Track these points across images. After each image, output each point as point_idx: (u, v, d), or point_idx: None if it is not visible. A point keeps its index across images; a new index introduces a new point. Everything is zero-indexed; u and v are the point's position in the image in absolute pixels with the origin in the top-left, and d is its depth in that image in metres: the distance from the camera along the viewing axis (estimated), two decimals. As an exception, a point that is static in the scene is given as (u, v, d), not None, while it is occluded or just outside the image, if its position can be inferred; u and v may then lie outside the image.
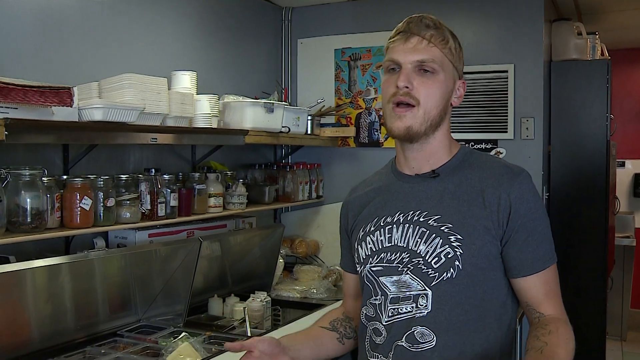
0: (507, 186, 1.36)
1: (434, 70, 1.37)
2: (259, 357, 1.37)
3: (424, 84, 1.37)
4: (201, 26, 3.14)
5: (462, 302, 1.34)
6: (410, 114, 1.37)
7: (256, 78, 3.59)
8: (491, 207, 1.35)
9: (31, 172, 1.99)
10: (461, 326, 1.34)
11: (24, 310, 2.02)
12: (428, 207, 1.39)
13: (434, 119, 1.39)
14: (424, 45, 1.37)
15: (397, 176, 1.49)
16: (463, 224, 1.34)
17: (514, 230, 1.34)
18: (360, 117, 3.69)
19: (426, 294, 1.34)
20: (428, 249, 1.35)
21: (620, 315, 5.20)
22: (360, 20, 3.67)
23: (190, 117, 2.58)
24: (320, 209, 3.74)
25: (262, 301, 2.79)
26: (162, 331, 2.44)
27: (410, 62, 1.37)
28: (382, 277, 1.41)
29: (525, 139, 3.31)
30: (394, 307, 1.38)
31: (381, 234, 1.43)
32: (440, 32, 1.40)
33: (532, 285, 1.36)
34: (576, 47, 3.69)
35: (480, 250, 1.33)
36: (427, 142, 1.42)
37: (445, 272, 1.33)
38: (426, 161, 1.44)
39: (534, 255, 1.35)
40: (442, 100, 1.40)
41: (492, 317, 1.36)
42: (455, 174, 1.42)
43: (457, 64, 1.43)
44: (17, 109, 1.82)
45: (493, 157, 1.50)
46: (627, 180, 5.79)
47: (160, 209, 2.44)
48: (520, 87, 3.32)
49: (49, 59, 2.31)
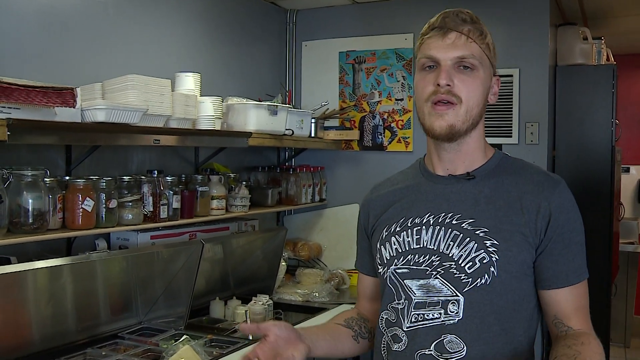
0: (547, 194, 1.31)
1: (473, 66, 1.31)
2: (275, 341, 1.27)
3: (464, 82, 1.31)
4: (206, 28, 3.13)
5: (494, 310, 1.28)
6: (452, 111, 1.31)
7: (260, 80, 3.58)
8: (530, 214, 1.30)
9: (33, 172, 1.99)
10: (493, 337, 1.28)
11: (25, 311, 2.02)
12: (462, 210, 1.33)
13: (475, 117, 1.34)
14: (462, 40, 1.31)
15: (427, 176, 1.43)
16: (499, 229, 1.29)
17: (552, 240, 1.30)
18: (364, 120, 3.68)
19: (457, 300, 1.28)
20: (461, 253, 1.29)
21: (624, 322, 5.17)
22: (365, 23, 3.66)
23: (193, 119, 2.57)
24: (324, 212, 3.73)
25: (264, 304, 2.78)
26: (163, 333, 2.43)
27: (450, 59, 1.30)
28: (407, 280, 1.34)
29: (530, 143, 3.30)
30: (418, 313, 1.32)
31: (408, 234, 1.37)
32: (477, 27, 1.34)
33: (564, 299, 1.32)
34: (582, 52, 3.67)
35: (516, 257, 1.28)
36: (464, 142, 1.36)
37: (480, 278, 1.27)
38: (462, 162, 1.38)
39: (569, 268, 1.31)
40: (483, 97, 1.35)
41: (521, 329, 1.31)
42: (491, 178, 1.37)
43: (493, 59, 1.38)
44: (20, 110, 1.82)
45: (530, 164, 1.44)
46: (632, 186, 5.76)
47: (162, 210, 2.43)
48: (525, 92, 3.30)
49: (53, 60, 2.31)
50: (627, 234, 5.34)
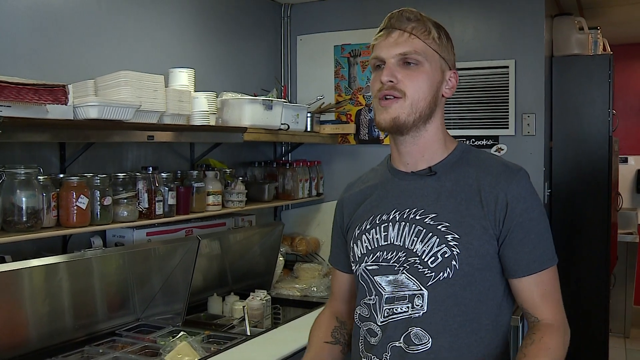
0: (504, 185, 1.33)
1: (417, 61, 1.35)
2: None
3: (408, 76, 1.35)
4: (199, 23, 3.12)
5: (458, 302, 1.31)
6: (396, 104, 1.35)
7: (255, 75, 3.56)
8: (488, 206, 1.32)
9: (27, 170, 1.97)
10: (457, 327, 1.31)
11: (21, 310, 2.01)
12: (424, 205, 1.37)
13: (423, 111, 1.37)
14: (405, 38, 1.36)
15: (392, 173, 1.46)
16: (460, 223, 1.32)
17: (510, 230, 1.32)
18: (360, 114, 3.67)
19: (422, 294, 1.32)
20: (424, 248, 1.33)
21: (623, 312, 5.18)
22: (360, 17, 3.65)
23: (187, 114, 2.56)
24: (321, 206, 3.72)
25: (261, 300, 2.77)
26: (160, 330, 2.42)
27: (393, 57, 1.36)
28: (377, 277, 1.38)
29: (527, 135, 3.29)
30: (389, 307, 1.36)
31: (377, 232, 1.40)
32: (421, 24, 1.38)
33: (528, 287, 1.33)
34: (578, 42, 3.66)
35: (477, 250, 1.31)
36: (420, 135, 1.39)
37: (442, 271, 1.31)
38: (421, 156, 1.41)
39: (531, 256, 1.32)
40: (431, 91, 1.37)
41: (488, 318, 1.34)
42: (452, 172, 1.39)
43: (445, 54, 1.40)
44: (11, 107, 1.81)
45: (491, 155, 1.47)
46: (630, 177, 5.76)
47: (158, 207, 2.42)
48: (522, 83, 3.29)
49: (44, 57, 2.29)
50: (625, 224, 5.35)
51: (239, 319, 2.68)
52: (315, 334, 1.56)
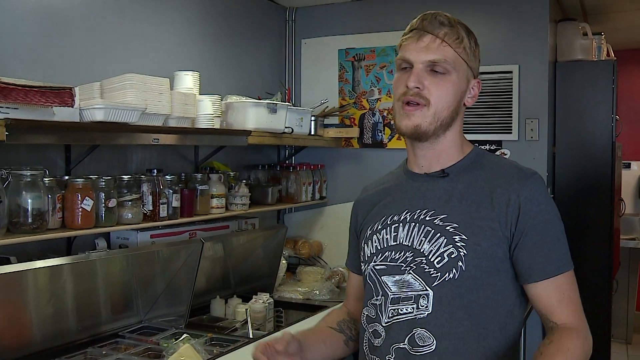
0: (517, 187, 1.32)
1: (446, 70, 1.34)
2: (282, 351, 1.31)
3: (435, 84, 1.34)
4: (204, 26, 3.13)
5: (464, 305, 1.30)
6: (419, 112, 1.34)
7: (259, 78, 3.57)
8: (499, 208, 1.31)
9: (32, 172, 1.98)
10: (463, 331, 1.29)
11: (25, 311, 2.02)
12: (435, 207, 1.36)
13: (445, 120, 1.36)
14: (436, 44, 1.34)
15: (407, 175, 1.47)
16: (469, 224, 1.31)
17: (524, 233, 1.30)
18: (364, 118, 3.68)
19: (427, 295, 1.31)
20: (432, 248, 1.32)
21: (625, 318, 5.17)
22: (365, 21, 3.65)
23: (192, 117, 2.57)
24: (324, 210, 3.72)
25: (264, 302, 2.78)
26: (163, 332, 2.43)
27: (422, 62, 1.34)
28: (384, 277, 1.38)
29: (530, 140, 3.29)
30: (394, 308, 1.35)
31: (387, 232, 1.40)
32: (454, 31, 1.36)
33: (545, 292, 1.30)
34: (582, 47, 3.67)
35: (486, 251, 1.29)
36: (438, 142, 1.39)
37: (448, 272, 1.30)
38: (436, 160, 1.41)
39: (546, 260, 1.30)
40: (454, 100, 1.37)
41: (496, 325, 1.32)
42: (465, 174, 1.39)
43: (472, 63, 1.39)
44: (18, 109, 1.81)
45: (505, 159, 1.47)
46: (633, 182, 5.75)
47: (162, 209, 2.43)
48: (525, 88, 3.30)
49: (51, 59, 2.30)
50: (628, 230, 5.34)
51: (241, 321, 2.69)
52: (322, 320, 1.57)
